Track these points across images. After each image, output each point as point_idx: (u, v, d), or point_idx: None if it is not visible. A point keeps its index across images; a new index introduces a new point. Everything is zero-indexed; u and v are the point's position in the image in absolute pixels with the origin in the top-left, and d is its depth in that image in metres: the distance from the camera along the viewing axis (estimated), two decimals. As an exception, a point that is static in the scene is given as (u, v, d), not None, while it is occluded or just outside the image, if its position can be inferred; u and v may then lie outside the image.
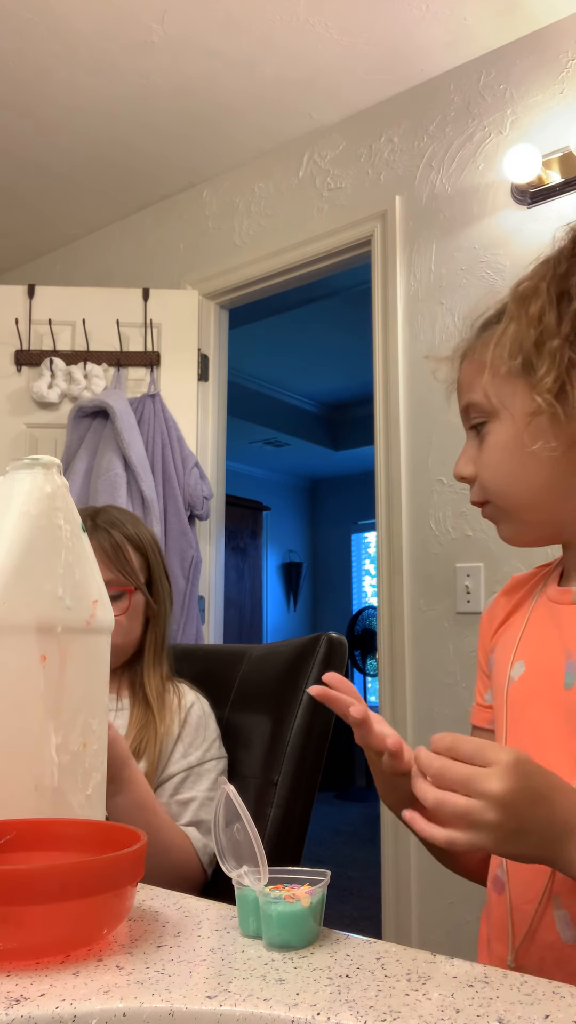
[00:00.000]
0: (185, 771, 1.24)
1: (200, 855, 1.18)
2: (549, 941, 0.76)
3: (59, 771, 0.74)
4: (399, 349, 2.45)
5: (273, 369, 5.43)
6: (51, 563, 0.76)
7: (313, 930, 0.60)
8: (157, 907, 0.68)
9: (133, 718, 1.26)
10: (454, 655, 2.26)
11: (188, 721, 1.27)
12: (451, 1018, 0.48)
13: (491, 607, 0.98)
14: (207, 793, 1.23)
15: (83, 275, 3.33)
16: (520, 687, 0.85)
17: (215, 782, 1.24)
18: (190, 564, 2.63)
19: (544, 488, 0.82)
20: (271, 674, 1.32)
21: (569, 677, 0.79)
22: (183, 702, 1.29)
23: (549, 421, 0.79)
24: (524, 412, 0.81)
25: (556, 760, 0.78)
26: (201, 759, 1.25)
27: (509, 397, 0.82)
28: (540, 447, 0.79)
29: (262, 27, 2.30)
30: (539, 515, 0.84)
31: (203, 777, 1.24)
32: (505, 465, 0.83)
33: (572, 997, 0.51)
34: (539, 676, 0.83)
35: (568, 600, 0.84)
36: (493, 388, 0.83)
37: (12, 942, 0.55)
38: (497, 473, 0.84)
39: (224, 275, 2.93)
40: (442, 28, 2.30)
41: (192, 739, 1.26)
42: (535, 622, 0.88)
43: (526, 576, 0.95)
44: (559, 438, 0.79)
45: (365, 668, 6.81)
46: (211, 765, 1.26)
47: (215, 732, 1.29)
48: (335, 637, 1.30)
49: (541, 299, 0.79)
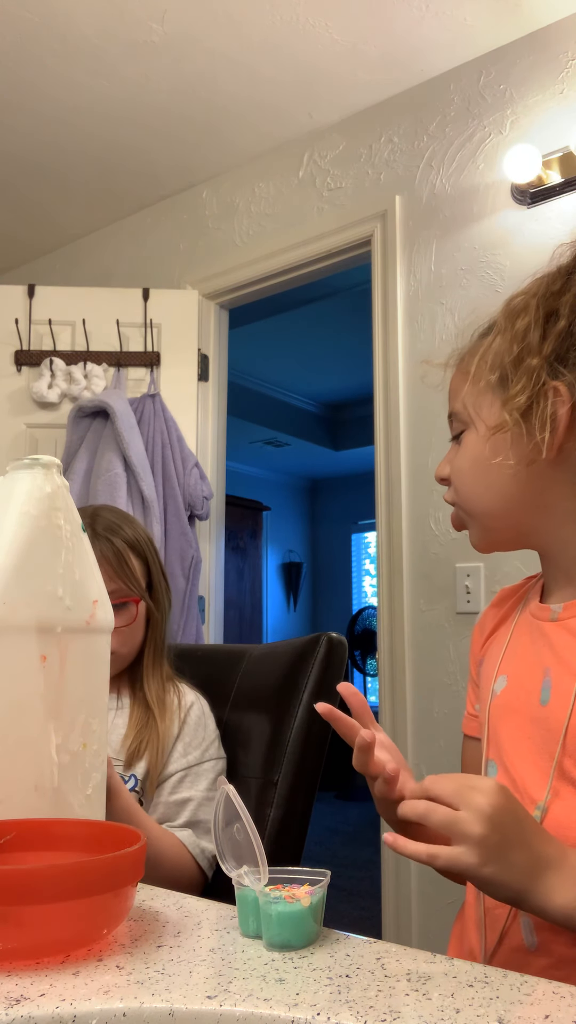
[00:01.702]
0: (183, 770, 1.23)
1: (197, 859, 1.17)
2: (515, 945, 0.77)
3: (59, 771, 0.74)
4: (399, 349, 2.45)
5: (273, 369, 5.43)
6: (51, 563, 0.76)
7: (313, 930, 0.60)
8: (157, 907, 0.68)
9: (133, 718, 1.26)
10: (454, 655, 2.26)
11: (188, 721, 1.27)
12: (451, 1018, 0.48)
13: (481, 618, 0.99)
14: (205, 793, 1.22)
15: (83, 275, 3.33)
16: (501, 701, 0.86)
17: (213, 782, 1.24)
18: (190, 564, 2.63)
19: (506, 499, 0.83)
20: (271, 674, 1.32)
21: (544, 693, 0.80)
22: (183, 702, 1.29)
23: (512, 438, 0.80)
24: (490, 425, 0.81)
25: (527, 775, 0.79)
26: (200, 759, 1.25)
27: (483, 409, 0.83)
28: (499, 462, 0.81)
29: (262, 27, 2.30)
30: (500, 523, 0.85)
31: (201, 777, 1.24)
32: (472, 474, 0.85)
33: (572, 997, 0.51)
34: (518, 691, 0.84)
35: (546, 617, 0.85)
36: (471, 399, 0.85)
37: (12, 942, 0.55)
38: (465, 480, 0.86)
39: (224, 275, 2.93)
40: (442, 28, 2.30)
41: (191, 738, 1.26)
42: (518, 637, 0.88)
43: (513, 588, 0.96)
44: (517, 456, 0.80)
45: (365, 668, 6.81)
46: (210, 765, 1.25)
47: (214, 732, 1.29)
48: (335, 637, 1.30)
49: (529, 316, 0.80)
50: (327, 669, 1.27)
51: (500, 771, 0.84)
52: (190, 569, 2.63)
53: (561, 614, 0.83)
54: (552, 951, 0.74)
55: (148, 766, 1.22)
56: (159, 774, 1.23)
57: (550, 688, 0.80)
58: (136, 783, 1.22)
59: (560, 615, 0.83)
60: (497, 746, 0.85)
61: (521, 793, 0.79)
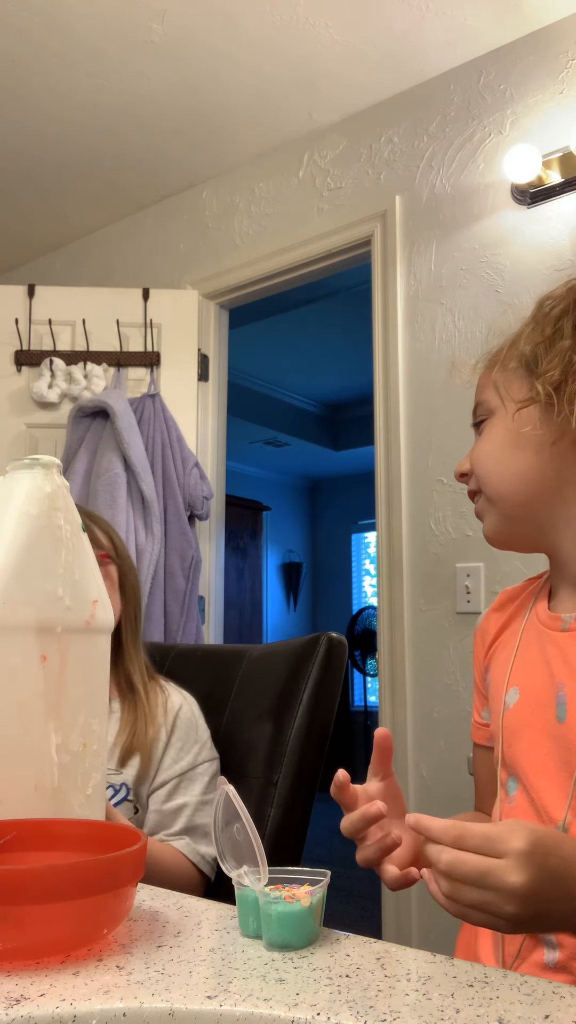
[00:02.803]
0: (177, 777, 1.22)
1: (198, 865, 1.17)
2: (534, 961, 0.75)
3: (59, 771, 0.74)
4: (399, 349, 2.45)
5: (273, 369, 5.43)
6: (51, 563, 0.76)
7: (313, 930, 0.60)
8: (157, 907, 0.68)
9: (123, 720, 1.25)
10: (454, 655, 2.26)
11: (177, 725, 1.25)
12: (451, 1018, 0.48)
13: (483, 623, 0.97)
14: (200, 797, 1.21)
15: (83, 275, 3.33)
16: (515, 715, 0.85)
17: (208, 785, 1.23)
18: (190, 564, 2.62)
19: (527, 482, 0.83)
20: (271, 674, 1.32)
21: (560, 710, 0.79)
22: (170, 704, 1.27)
23: (543, 410, 0.81)
24: (519, 398, 0.83)
25: (546, 793, 0.78)
26: (192, 763, 1.24)
27: (512, 387, 0.85)
28: (528, 431, 0.82)
29: (262, 27, 2.30)
30: (519, 511, 0.85)
31: (195, 781, 1.23)
32: (496, 456, 0.86)
33: (572, 997, 0.51)
34: (532, 706, 0.83)
35: (557, 627, 0.84)
36: (501, 380, 0.86)
37: (12, 942, 0.55)
38: (488, 462, 0.86)
39: (224, 275, 2.93)
40: (442, 28, 2.30)
41: (183, 744, 1.24)
42: (526, 645, 0.87)
43: (516, 590, 0.95)
44: (547, 427, 0.81)
45: (365, 668, 6.81)
46: (203, 768, 1.24)
47: (205, 732, 1.28)
48: (335, 637, 1.30)
49: (562, 305, 0.83)
50: (327, 669, 1.27)
51: (519, 789, 0.82)
52: (190, 569, 2.62)
53: (573, 624, 0.82)
54: (573, 969, 0.73)
55: (139, 769, 1.21)
56: (151, 779, 1.22)
57: (566, 704, 0.79)
58: (128, 792, 1.21)
59: (572, 625, 0.82)
60: (514, 762, 0.84)
61: (540, 812, 0.78)
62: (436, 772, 2.25)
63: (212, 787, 1.24)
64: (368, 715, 6.79)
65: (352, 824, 0.74)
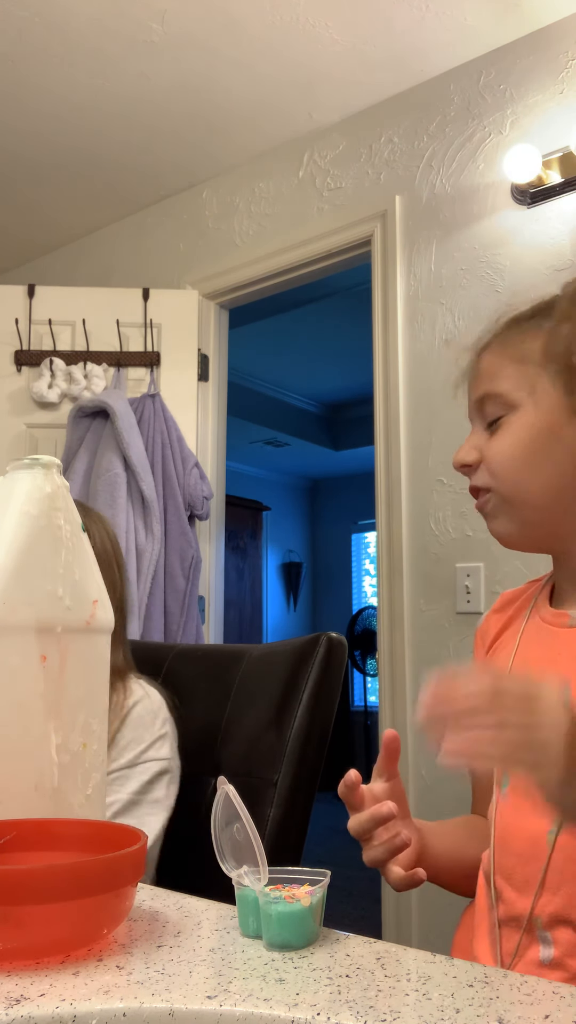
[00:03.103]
0: (114, 772, 1.14)
1: None
2: (530, 959, 0.75)
3: (59, 771, 0.74)
4: (399, 349, 2.45)
5: (273, 369, 5.43)
6: (51, 563, 0.76)
7: (313, 930, 0.60)
8: (157, 907, 0.68)
9: None
10: (454, 655, 2.26)
11: (127, 721, 1.18)
12: (451, 1018, 0.48)
13: (483, 624, 0.96)
14: (131, 796, 1.13)
15: (83, 275, 3.33)
16: None
17: (146, 785, 1.15)
18: (190, 564, 2.63)
19: (551, 488, 0.80)
20: (271, 674, 1.32)
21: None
22: (127, 702, 1.19)
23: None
24: (559, 408, 0.79)
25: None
26: (134, 761, 1.16)
27: (543, 393, 0.81)
28: (564, 433, 0.79)
29: (262, 27, 2.30)
30: (538, 516, 0.82)
31: (131, 779, 1.14)
32: (520, 457, 0.81)
33: (572, 997, 0.51)
34: None
35: (563, 623, 0.82)
36: (527, 380, 0.81)
37: (12, 942, 0.55)
38: (511, 463, 0.81)
39: (224, 275, 2.93)
40: (442, 28, 2.30)
41: (129, 739, 1.17)
42: (527, 643, 0.86)
43: (516, 592, 0.94)
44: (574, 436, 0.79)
45: (365, 668, 6.81)
46: (145, 767, 1.16)
47: (161, 732, 1.20)
48: (335, 637, 1.29)
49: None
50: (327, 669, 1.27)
51: (510, 788, 0.81)
52: (190, 569, 2.63)
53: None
54: (568, 966, 0.72)
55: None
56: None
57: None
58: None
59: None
60: None
61: (534, 807, 0.77)
62: (436, 773, 2.25)
63: (150, 788, 1.15)
64: (368, 715, 6.79)
65: (360, 825, 0.75)
